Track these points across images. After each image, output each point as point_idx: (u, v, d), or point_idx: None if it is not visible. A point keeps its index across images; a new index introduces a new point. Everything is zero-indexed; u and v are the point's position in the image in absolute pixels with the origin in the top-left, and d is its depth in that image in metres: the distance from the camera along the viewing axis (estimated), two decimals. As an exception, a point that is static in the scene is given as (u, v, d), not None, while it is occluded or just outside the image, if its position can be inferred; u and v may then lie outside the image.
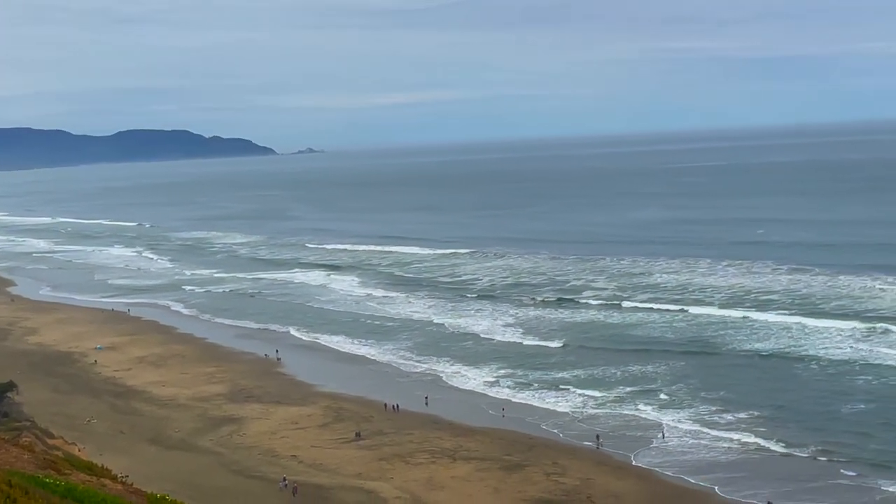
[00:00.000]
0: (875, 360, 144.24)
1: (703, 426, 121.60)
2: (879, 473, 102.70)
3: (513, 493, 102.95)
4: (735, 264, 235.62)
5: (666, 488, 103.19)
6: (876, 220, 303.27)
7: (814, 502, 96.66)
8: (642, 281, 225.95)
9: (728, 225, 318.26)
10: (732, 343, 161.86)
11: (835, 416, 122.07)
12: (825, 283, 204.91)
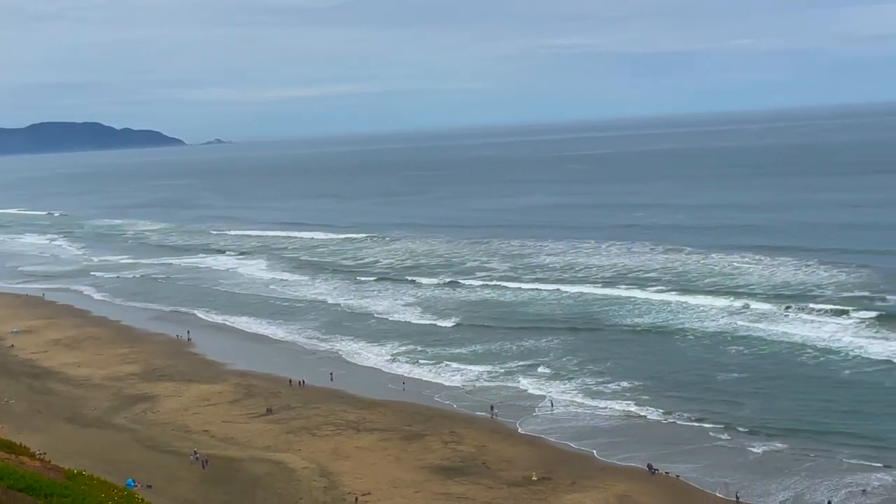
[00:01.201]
0: (744, 333, 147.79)
1: (587, 396, 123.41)
2: (751, 436, 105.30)
3: (413, 461, 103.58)
4: (616, 245, 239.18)
5: (552, 453, 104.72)
6: (742, 203, 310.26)
7: (690, 463, 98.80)
8: (532, 261, 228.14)
9: (610, 209, 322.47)
10: (615, 318, 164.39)
11: (710, 384, 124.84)
12: (698, 261, 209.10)
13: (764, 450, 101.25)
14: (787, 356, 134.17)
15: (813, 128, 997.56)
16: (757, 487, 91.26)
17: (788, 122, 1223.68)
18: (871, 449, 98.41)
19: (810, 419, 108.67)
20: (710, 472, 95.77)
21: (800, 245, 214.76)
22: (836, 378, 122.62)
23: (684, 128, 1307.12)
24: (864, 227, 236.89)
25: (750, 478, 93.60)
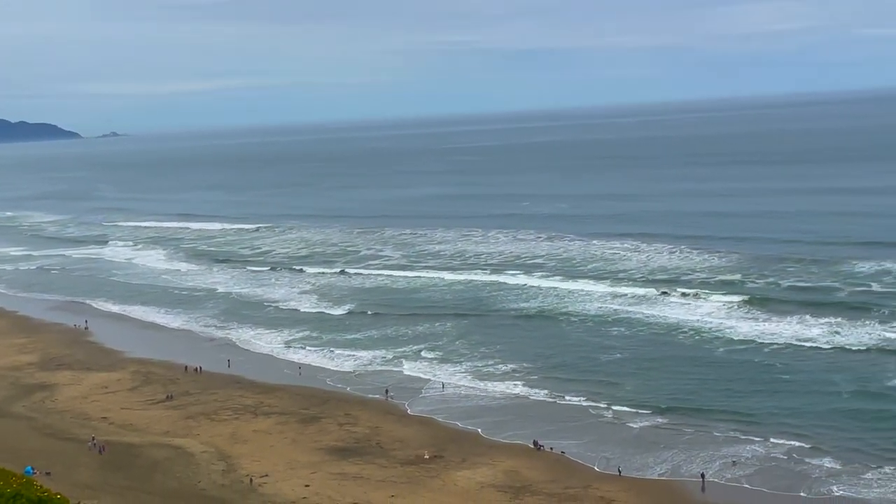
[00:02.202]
0: (625, 315, 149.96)
1: (477, 378, 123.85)
2: (632, 413, 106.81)
3: (310, 443, 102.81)
4: (503, 233, 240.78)
5: (443, 432, 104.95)
6: (620, 193, 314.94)
7: (574, 440, 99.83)
8: (423, 249, 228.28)
9: (496, 198, 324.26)
10: (503, 303, 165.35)
11: (593, 364, 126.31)
12: (581, 248, 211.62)
13: (643, 425, 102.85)
14: (665, 337, 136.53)
15: (683, 121, 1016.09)
16: (637, 461, 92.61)
17: (661, 116, 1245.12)
18: (743, 423, 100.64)
19: (687, 396, 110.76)
20: (592, 448, 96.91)
21: (673, 232, 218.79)
22: (710, 357, 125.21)
23: (565, 121, 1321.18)
24: (731, 214, 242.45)
25: (630, 452, 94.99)
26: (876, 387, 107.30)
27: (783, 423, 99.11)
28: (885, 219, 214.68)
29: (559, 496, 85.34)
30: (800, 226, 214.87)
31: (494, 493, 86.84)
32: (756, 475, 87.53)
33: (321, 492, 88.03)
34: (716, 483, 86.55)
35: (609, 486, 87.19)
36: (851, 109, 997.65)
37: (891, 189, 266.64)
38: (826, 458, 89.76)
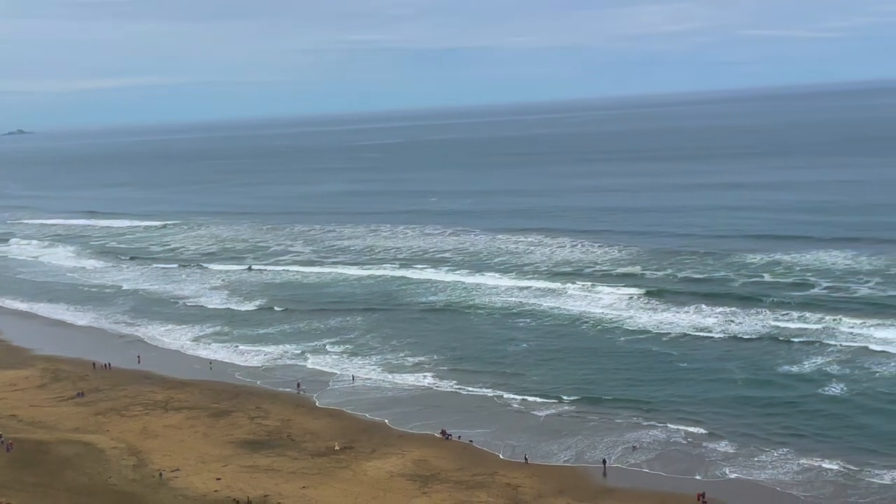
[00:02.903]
0: (530, 307, 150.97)
1: (387, 370, 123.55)
2: (538, 402, 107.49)
3: (221, 437, 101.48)
4: (411, 228, 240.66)
5: (353, 424, 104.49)
6: (524, 189, 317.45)
7: (482, 429, 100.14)
8: (333, 245, 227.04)
9: (404, 195, 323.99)
10: (412, 297, 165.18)
11: (501, 355, 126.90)
12: (487, 242, 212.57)
13: (549, 414, 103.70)
14: (568, 328, 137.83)
15: (583, 118, 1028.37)
16: (542, 448, 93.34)
17: (562, 114, 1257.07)
18: (643, 410, 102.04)
19: (590, 385, 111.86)
20: (500, 437, 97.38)
21: (575, 227, 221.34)
22: (612, 346, 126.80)
23: (470, 119, 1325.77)
24: (630, 209, 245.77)
25: (536, 440, 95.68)
26: (767, 374, 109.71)
27: (681, 410, 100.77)
28: (775, 213, 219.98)
29: (467, 483, 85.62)
30: (695, 220, 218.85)
31: (404, 482, 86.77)
32: (655, 460, 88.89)
33: (232, 484, 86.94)
34: (617, 468, 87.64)
35: (515, 472, 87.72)
36: (740, 107, 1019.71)
37: (779, 184, 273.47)
38: (722, 442, 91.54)
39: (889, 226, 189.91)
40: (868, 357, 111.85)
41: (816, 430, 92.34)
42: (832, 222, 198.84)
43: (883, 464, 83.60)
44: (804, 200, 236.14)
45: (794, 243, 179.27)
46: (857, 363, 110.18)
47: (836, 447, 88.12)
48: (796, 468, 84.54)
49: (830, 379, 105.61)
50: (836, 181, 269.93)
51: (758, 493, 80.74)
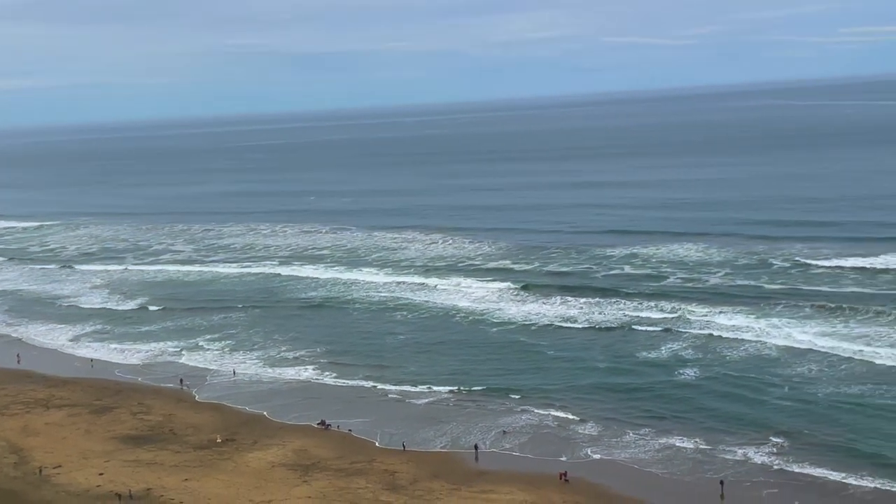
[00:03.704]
0: (407, 301, 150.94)
1: (268, 364, 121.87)
2: (416, 392, 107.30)
3: (103, 433, 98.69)
4: (290, 227, 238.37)
5: (235, 417, 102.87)
6: (398, 188, 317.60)
7: (361, 418, 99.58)
8: (214, 243, 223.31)
9: (283, 194, 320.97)
10: (293, 293, 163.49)
11: (380, 347, 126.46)
12: (364, 239, 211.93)
13: (426, 402, 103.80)
14: (444, 320, 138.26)
15: (455, 121, 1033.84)
16: (419, 436, 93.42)
17: (434, 116, 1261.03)
18: (515, 397, 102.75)
19: (465, 374, 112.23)
20: (378, 425, 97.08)
21: (448, 224, 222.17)
22: (484, 337, 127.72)
23: (347, 121, 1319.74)
24: (500, 207, 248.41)
25: (414, 427, 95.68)
26: (628, 360, 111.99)
27: (549, 396, 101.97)
28: (633, 209, 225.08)
29: (346, 471, 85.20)
30: (560, 217, 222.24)
31: (285, 471, 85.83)
32: (525, 443, 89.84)
33: (115, 479, 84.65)
34: (489, 452, 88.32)
35: (392, 459, 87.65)
36: (603, 110, 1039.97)
37: (637, 182, 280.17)
38: (586, 425, 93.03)
39: (736, 221, 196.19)
40: (718, 343, 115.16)
41: (673, 412, 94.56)
42: (685, 218, 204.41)
43: (734, 441, 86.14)
44: (660, 198, 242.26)
45: (650, 237, 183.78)
46: (709, 348, 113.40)
47: (692, 427, 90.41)
48: (655, 447, 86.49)
49: (685, 364, 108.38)
50: (689, 179, 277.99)
51: (618, 471, 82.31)
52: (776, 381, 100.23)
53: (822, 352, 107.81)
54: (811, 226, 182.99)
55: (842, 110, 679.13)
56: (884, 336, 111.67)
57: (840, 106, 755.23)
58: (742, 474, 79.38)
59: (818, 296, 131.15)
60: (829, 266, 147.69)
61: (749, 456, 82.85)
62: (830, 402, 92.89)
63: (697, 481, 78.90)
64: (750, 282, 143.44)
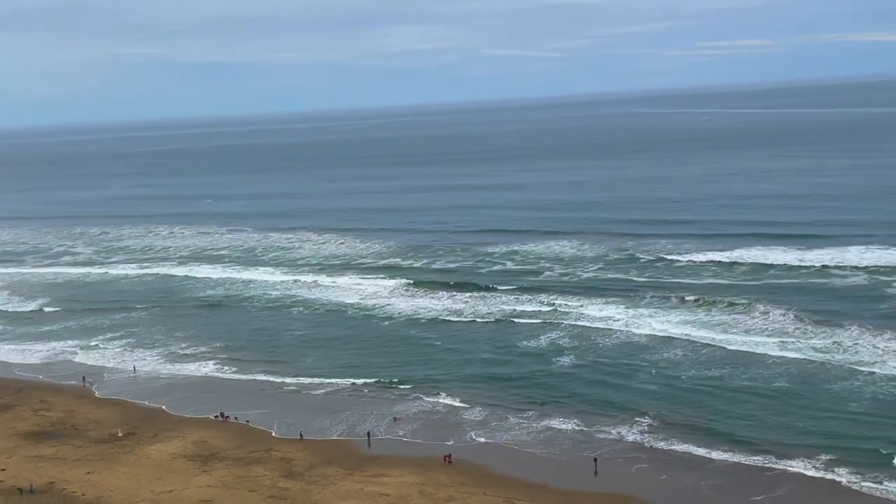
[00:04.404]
0: (303, 298, 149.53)
1: (169, 361, 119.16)
2: (313, 384, 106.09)
3: (4, 431, 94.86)
4: (188, 228, 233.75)
5: (136, 411, 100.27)
6: (290, 191, 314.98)
7: (259, 409, 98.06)
8: (114, 245, 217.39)
9: (180, 198, 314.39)
10: (192, 292, 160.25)
11: (278, 342, 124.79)
12: (260, 240, 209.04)
13: (323, 393, 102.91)
14: (338, 315, 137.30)
15: (345, 127, 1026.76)
16: (317, 425, 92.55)
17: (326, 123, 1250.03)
18: (406, 386, 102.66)
19: (359, 365, 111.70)
20: (276, 416, 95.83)
21: (340, 225, 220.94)
22: (377, 330, 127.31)
23: (243, 127, 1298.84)
24: (389, 209, 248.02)
25: (312, 417, 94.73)
26: (510, 350, 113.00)
27: (438, 385, 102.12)
28: (512, 210, 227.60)
29: (244, 460, 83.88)
30: (445, 217, 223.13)
31: (185, 462, 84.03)
32: (416, 430, 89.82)
33: (18, 474, 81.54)
34: (382, 439, 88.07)
35: (290, 447, 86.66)
36: (482, 117, 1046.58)
37: (515, 185, 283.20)
38: (473, 412, 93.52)
39: (606, 220, 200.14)
40: (592, 332, 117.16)
41: (552, 397, 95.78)
42: (559, 217, 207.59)
43: (609, 422, 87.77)
44: (535, 199, 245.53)
45: (528, 236, 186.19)
46: (584, 337, 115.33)
47: (570, 410, 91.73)
48: (536, 430, 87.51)
49: (562, 352, 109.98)
50: (562, 182, 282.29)
51: (501, 452, 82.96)
52: (645, 366, 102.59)
53: (684, 339, 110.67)
54: (673, 224, 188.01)
55: (698, 117, 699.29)
56: (739, 323, 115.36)
57: (697, 113, 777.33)
58: (615, 452, 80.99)
59: (681, 287, 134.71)
60: (690, 260, 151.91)
61: (622, 435, 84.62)
62: (693, 385, 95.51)
63: (574, 459, 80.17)
64: (620, 275, 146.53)
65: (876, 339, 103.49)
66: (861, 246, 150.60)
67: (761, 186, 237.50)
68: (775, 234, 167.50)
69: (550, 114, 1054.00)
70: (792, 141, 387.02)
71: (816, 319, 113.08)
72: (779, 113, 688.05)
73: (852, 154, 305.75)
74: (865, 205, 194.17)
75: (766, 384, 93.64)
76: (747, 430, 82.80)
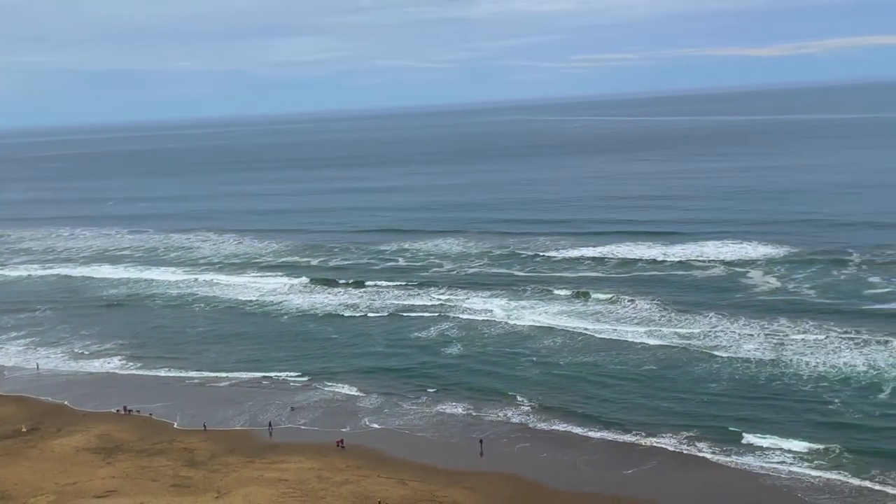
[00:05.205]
0: (204, 295, 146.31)
1: (72, 358, 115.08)
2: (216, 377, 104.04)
3: None
4: (90, 230, 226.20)
5: (39, 407, 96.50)
6: (191, 194, 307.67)
7: (163, 402, 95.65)
8: (15, 247, 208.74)
9: (82, 201, 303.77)
10: (96, 291, 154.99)
11: (181, 339, 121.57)
12: (161, 240, 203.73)
13: (226, 385, 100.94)
14: (239, 311, 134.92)
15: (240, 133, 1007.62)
16: (220, 416, 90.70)
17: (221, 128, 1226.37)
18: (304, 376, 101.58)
19: (260, 358, 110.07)
20: (179, 408, 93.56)
21: (239, 226, 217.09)
22: (277, 325, 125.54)
23: (141, 133, 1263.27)
24: (285, 210, 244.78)
25: (215, 409, 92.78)
26: (404, 342, 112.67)
27: (336, 375, 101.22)
28: (400, 211, 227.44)
29: (148, 451, 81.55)
30: (338, 218, 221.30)
31: (89, 455, 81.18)
32: (316, 419, 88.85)
33: (-81, 474, 77.38)
34: (283, 428, 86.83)
35: (192, 438, 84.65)
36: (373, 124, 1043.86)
37: (403, 187, 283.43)
38: (368, 400, 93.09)
39: (489, 219, 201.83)
40: (479, 323, 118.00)
41: (443, 384, 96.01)
42: (447, 217, 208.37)
43: (496, 405, 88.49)
44: (424, 200, 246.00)
45: (418, 235, 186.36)
46: (471, 328, 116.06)
47: (459, 396, 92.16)
48: (428, 415, 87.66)
49: (451, 342, 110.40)
50: (448, 184, 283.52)
51: (393, 437, 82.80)
52: (527, 353, 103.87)
53: (562, 328, 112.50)
54: (550, 223, 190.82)
55: (572, 124, 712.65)
56: (611, 313, 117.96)
57: (571, 121, 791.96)
58: (501, 433, 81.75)
59: (558, 281, 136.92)
60: (566, 256, 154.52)
61: (508, 417, 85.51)
62: (570, 370, 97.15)
63: (462, 441, 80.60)
64: (503, 270, 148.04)
65: (732, 326, 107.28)
66: (717, 241, 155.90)
67: (628, 188, 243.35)
68: (641, 231, 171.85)
69: (436, 121, 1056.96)
70: (654, 146, 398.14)
71: (679, 308, 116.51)
72: (642, 120, 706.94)
73: (708, 158, 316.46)
74: (720, 204, 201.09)
75: (635, 368, 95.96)
76: (619, 411, 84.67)
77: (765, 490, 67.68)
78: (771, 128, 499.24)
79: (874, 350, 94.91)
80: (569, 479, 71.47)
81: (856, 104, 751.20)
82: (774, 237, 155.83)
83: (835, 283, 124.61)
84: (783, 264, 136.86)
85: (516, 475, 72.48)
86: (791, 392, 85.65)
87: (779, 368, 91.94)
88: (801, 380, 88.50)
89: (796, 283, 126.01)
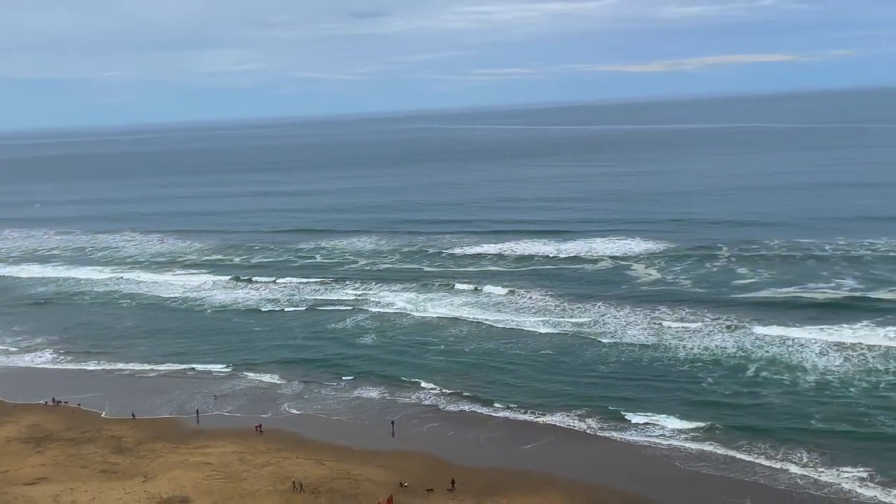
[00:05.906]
0: (131, 291, 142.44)
1: (2, 353, 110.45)
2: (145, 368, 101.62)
3: None
4: (17, 231, 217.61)
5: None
6: (117, 197, 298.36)
7: (90, 393, 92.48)
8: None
9: (10, 203, 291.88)
10: (25, 290, 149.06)
11: (109, 334, 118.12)
12: (88, 240, 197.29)
13: (155, 376, 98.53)
14: (167, 306, 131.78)
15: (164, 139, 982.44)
16: (148, 405, 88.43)
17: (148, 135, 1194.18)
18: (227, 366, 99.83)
19: (187, 351, 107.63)
20: (108, 399, 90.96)
21: (163, 226, 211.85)
22: (202, 319, 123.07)
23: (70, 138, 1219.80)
24: (207, 212, 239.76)
25: (144, 398, 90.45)
26: (322, 333, 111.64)
27: (258, 365, 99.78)
28: (315, 212, 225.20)
29: (77, 440, 79.04)
30: (257, 219, 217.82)
31: (19, 444, 78.20)
32: (240, 406, 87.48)
33: None
34: (209, 415, 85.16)
35: (120, 426, 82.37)
36: (292, 131, 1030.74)
37: (316, 191, 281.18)
38: (289, 387, 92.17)
39: (399, 219, 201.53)
40: (391, 315, 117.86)
41: (359, 371, 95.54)
42: (359, 218, 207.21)
43: (407, 390, 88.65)
44: (337, 202, 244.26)
45: (333, 234, 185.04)
46: (384, 319, 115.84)
47: (374, 381, 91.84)
48: (344, 400, 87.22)
49: (366, 332, 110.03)
50: (359, 188, 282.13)
51: (311, 421, 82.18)
52: (435, 342, 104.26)
53: (466, 318, 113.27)
54: (454, 222, 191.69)
55: (474, 132, 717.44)
56: (511, 304, 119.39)
57: (472, 129, 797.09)
58: (412, 415, 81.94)
59: (463, 275, 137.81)
60: (469, 252, 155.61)
61: (419, 399, 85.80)
62: (475, 357, 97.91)
63: (376, 423, 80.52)
64: (413, 265, 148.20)
65: (618, 314, 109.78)
66: (605, 238, 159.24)
67: (524, 191, 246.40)
68: (537, 230, 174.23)
69: (351, 129, 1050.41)
70: (548, 153, 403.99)
71: (571, 299, 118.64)
72: (536, 129, 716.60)
73: (595, 163, 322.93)
74: (607, 205, 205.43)
75: (532, 354, 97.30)
76: (519, 393, 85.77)
77: (646, 460, 69.60)
78: (651, 136, 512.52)
79: (742, 334, 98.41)
80: (473, 455, 72.13)
81: (725, 115, 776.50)
82: (654, 234, 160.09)
83: (708, 274, 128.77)
84: (662, 258, 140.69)
85: (425, 453, 72.78)
86: (670, 372, 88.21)
87: (659, 352, 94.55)
88: (679, 361, 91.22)
89: (674, 274, 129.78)
